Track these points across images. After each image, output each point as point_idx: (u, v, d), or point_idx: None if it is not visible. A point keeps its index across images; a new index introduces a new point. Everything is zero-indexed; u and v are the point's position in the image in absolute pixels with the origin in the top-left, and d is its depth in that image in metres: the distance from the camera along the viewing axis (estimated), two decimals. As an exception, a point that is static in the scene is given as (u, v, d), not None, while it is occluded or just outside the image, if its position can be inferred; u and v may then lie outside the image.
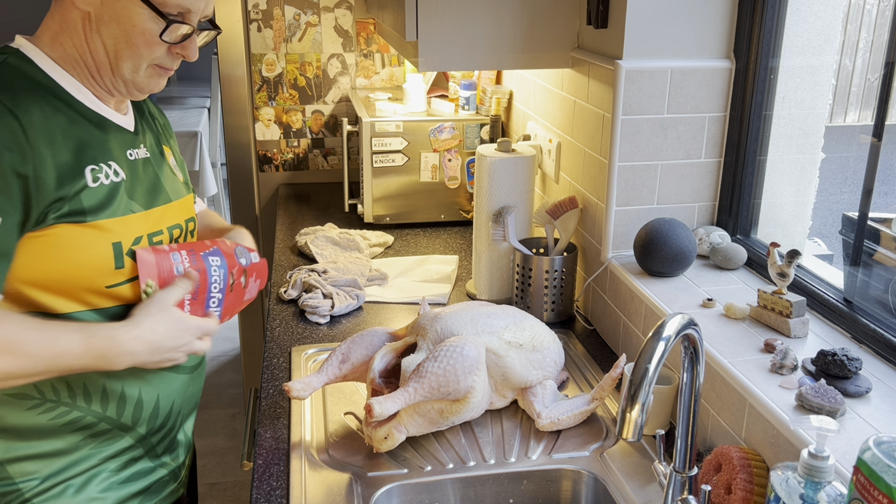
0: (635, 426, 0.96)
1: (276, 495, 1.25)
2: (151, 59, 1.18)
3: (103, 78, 1.19)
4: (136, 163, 1.25)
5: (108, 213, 1.16)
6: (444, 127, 2.40)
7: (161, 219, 1.26)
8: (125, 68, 1.17)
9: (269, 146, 2.94)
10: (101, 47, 1.15)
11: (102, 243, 1.15)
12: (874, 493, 0.83)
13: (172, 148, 1.41)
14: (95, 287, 1.16)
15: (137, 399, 1.25)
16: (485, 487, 1.30)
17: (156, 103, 1.45)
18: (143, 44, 1.16)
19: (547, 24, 1.80)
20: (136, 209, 1.21)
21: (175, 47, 1.20)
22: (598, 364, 1.64)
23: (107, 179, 1.17)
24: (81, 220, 1.13)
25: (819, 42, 1.59)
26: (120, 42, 1.15)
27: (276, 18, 2.78)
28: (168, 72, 1.23)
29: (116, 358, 1.13)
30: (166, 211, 1.28)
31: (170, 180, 1.32)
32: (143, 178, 1.25)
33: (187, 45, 1.21)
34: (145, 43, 1.16)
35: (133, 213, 1.20)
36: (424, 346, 1.39)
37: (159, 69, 1.21)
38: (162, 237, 1.26)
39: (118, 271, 1.18)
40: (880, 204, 1.38)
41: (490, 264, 1.89)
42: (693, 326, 1.02)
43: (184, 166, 1.42)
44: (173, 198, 1.31)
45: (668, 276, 1.57)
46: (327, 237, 2.25)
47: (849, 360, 1.16)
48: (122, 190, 1.19)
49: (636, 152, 1.62)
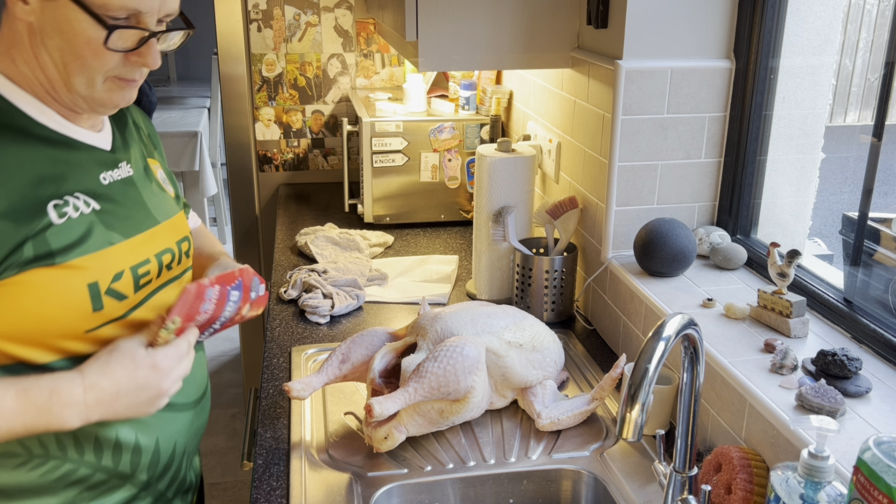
0: (635, 426, 0.96)
1: (276, 495, 1.25)
2: (106, 71, 1.03)
3: (60, 95, 1.05)
4: (112, 186, 1.11)
5: (80, 250, 1.03)
6: (444, 127, 2.40)
7: (147, 245, 1.13)
8: (78, 83, 1.03)
9: (269, 146, 2.94)
10: (49, 61, 1.02)
11: (76, 285, 1.02)
12: (874, 493, 0.83)
13: (160, 160, 1.28)
14: (72, 333, 1.04)
15: (135, 445, 1.12)
16: (485, 487, 1.30)
17: (152, 104, 1.38)
18: (90, 55, 1.01)
19: (547, 24, 1.80)
20: (115, 240, 1.07)
21: (131, 55, 1.04)
22: (598, 364, 1.64)
23: (75, 213, 1.03)
24: (50, 263, 0.99)
25: (819, 42, 1.59)
26: (66, 54, 1.01)
27: (276, 18, 2.78)
28: (131, 83, 1.07)
29: (62, 412, 0.98)
30: (153, 235, 1.15)
31: (157, 199, 1.19)
32: (123, 201, 1.11)
33: (144, 52, 1.04)
34: (93, 53, 1.01)
35: (112, 246, 1.07)
36: (424, 346, 1.39)
37: (120, 81, 1.06)
38: (149, 267, 1.12)
39: (97, 314, 1.04)
40: (880, 204, 1.38)
41: (490, 264, 1.89)
42: (693, 326, 1.02)
43: (173, 178, 1.30)
44: (161, 219, 1.18)
45: (668, 276, 1.57)
46: (327, 237, 2.25)
47: (849, 360, 1.16)
48: (96, 221, 1.06)
49: (636, 152, 1.62)
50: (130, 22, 1.01)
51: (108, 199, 1.09)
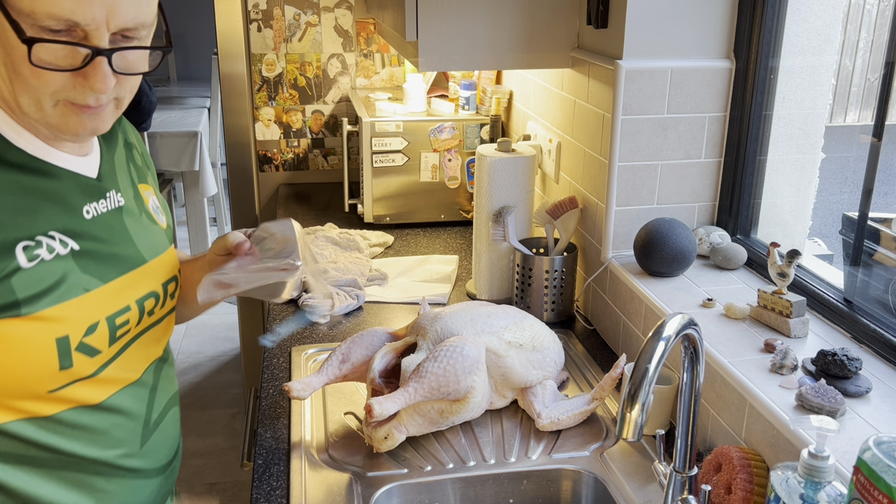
0: (635, 426, 0.96)
1: (276, 495, 1.25)
2: (53, 93, 0.87)
3: (19, 116, 0.90)
4: (96, 221, 0.96)
5: (51, 298, 0.89)
6: (444, 127, 2.40)
7: (129, 289, 0.99)
8: (25, 104, 0.88)
9: (269, 146, 2.94)
10: (1, 78, 0.88)
11: (43, 340, 0.88)
12: (874, 493, 0.83)
13: (153, 184, 1.14)
14: (34, 393, 0.90)
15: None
16: (485, 487, 1.30)
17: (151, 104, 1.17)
18: (29, 72, 0.85)
19: (547, 24, 1.80)
20: (92, 285, 0.93)
21: (76, 76, 0.86)
22: (598, 364, 1.64)
23: (49, 255, 0.89)
24: (15, 314, 0.86)
25: (819, 42, 1.59)
26: (10, 69, 0.86)
27: (276, 18, 2.78)
28: (86, 110, 0.89)
29: None
30: (137, 277, 1.01)
31: (146, 232, 1.05)
32: (107, 238, 0.97)
33: (90, 74, 0.86)
34: (31, 71, 0.84)
35: (88, 293, 0.93)
36: (424, 346, 1.39)
37: (73, 106, 0.88)
38: (128, 315, 0.98)
39: (64, 372, 0.90)
40: (880, 204, 1.38)
41: (490, 264, 1.89)
42: (693, 326, 1.02)
43: (166, 206, 1.15)
44: (148, 256, 1.03)
45: (668, 276, 1.57)
46: (327, 237, 2.25)
47: (849, 360, 1.16)
48: (73, 265, 0.91)
49: (636, 152, 1.62)
50: (71, 36, 0.84)
51: (89, 237, 0.95)
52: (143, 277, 1.02)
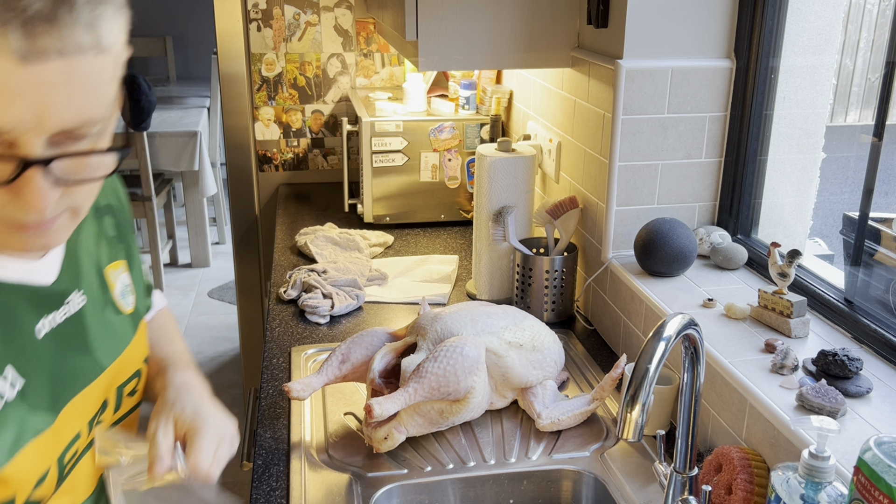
0: (636, 426, 0.96)
1: (276, 495, 1.25)
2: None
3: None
4: (48, 339, 0.80)
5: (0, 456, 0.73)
6: (444, 127, 2.39)
7: (82, 409, 0.84)
8: None
9: (269, 146, 2.94)
10: None
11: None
12: (875, 494, 0.83)
13: (126, 254, 0.97)
14: None
15: None
16: (485, 488, 1.30)
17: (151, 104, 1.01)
18: None
19: (547, 23, 1.80)
20: (42, 425, 0.77)
21: (6, 192, 0.66)
22: (599, 364, 1.64)
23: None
24: None
25: (820, 42, 1.59)
26: None
27: (276, 18, 2.78)
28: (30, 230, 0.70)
29: None
30: (91, 392, 0.86)
31: (107, 331, 0.89)
32: (60, 355, 0.81)
33: (22, 188, 0.66)
34: None
35: (38, 437, 0.77)
36: (424, 346, 1.39)
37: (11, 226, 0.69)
38: (79, 444, 0.83)
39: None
40: (881, 204, 1.38)
41: (490, 264, 1.89)
42: (693, 326, 1.02)
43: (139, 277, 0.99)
44: (107, 362, 0.88)
45: (668, 276, 1.57)
46: (327, 237, 2.25)
47: (849, 361, 1.16)
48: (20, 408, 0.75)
49: (636, 152, 1.62)
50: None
51: (38, 363, 0.78)
52: (98, 390, 0.87)
